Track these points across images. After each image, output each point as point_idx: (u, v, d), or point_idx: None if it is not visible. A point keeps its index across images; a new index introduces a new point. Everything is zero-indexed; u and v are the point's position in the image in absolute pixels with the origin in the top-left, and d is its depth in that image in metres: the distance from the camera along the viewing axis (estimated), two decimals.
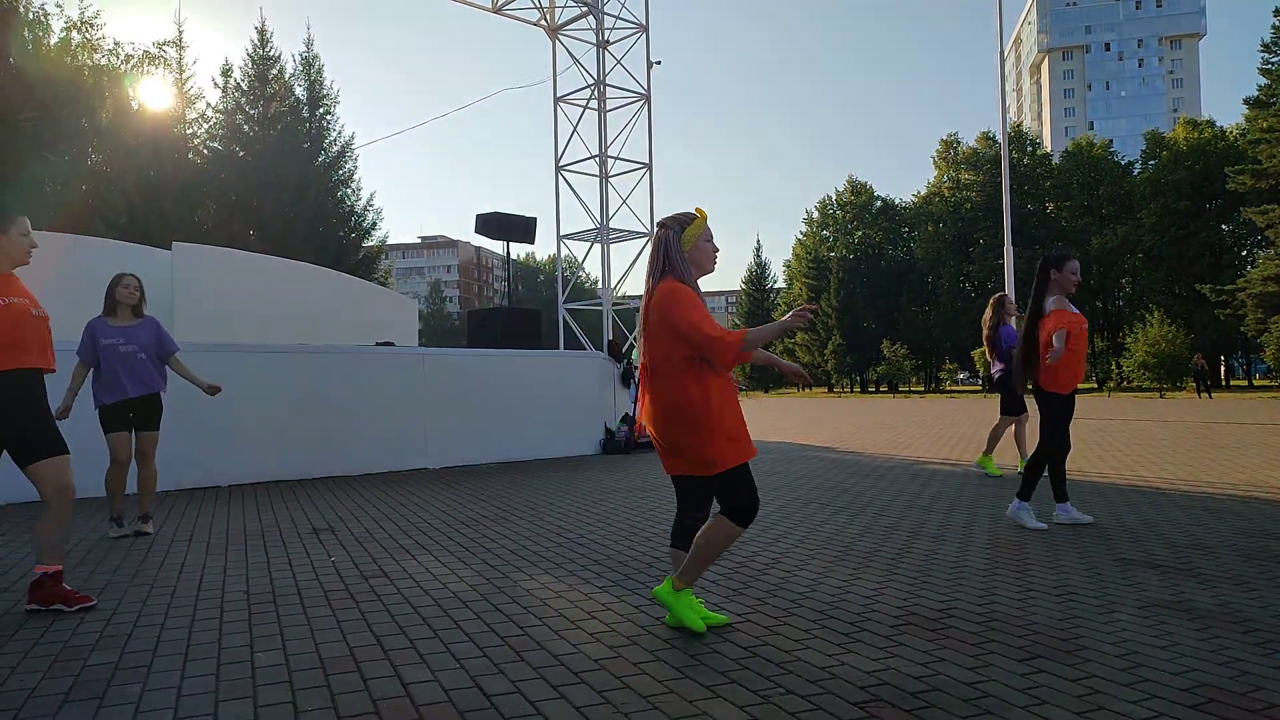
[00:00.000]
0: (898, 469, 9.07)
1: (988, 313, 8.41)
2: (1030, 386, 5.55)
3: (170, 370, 5.79)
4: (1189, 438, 12.34)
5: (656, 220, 16.14)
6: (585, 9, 17.84)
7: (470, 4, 17.49)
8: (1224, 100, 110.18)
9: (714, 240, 3.41)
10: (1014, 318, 8.36)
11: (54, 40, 23.91)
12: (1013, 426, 8.43)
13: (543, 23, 18.39)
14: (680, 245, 3.31)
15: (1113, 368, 43.56)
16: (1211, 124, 54.54)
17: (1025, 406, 8.33)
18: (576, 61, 17.92)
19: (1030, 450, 8.32)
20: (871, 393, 65.09)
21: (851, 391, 68.93)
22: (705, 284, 3.47)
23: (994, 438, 8.40)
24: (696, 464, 3.22)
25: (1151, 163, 55.38)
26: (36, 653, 3.21)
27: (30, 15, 22.75)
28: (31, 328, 3.77)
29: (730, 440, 3.18)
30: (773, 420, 21.09)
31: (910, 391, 62.75)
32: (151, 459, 5.71)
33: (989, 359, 8.44)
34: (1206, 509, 6.04)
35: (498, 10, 17.78)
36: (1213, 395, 34.17)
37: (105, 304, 5.65)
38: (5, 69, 21.09)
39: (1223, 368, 54.32)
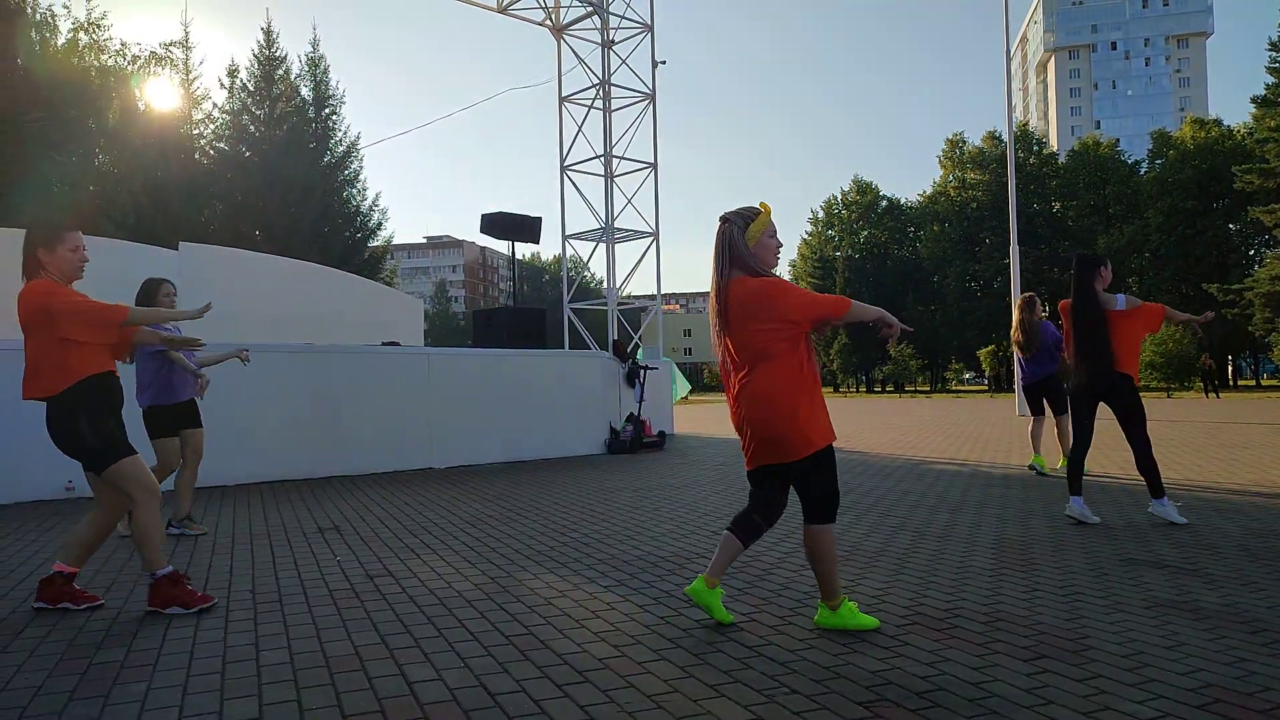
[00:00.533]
0: (903, 469, 9.05)
1: (1017, 315, 8.31)
2: (1090, 379, 5.54)
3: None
4: (1196, 438, 12.30)
5: (659, 219, 15.96)
6: (590, 9, 17.85)
7: (475, 4, 17.50)
8: (1231, 99, 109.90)
9: (777, 236, 3.34)
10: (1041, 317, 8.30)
11: (61, 41, 23.97)
12: (1029, 425, 8.43)
13: (548, 22, 18.40)
14: (744, 240, 3.27)
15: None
16: (1219, 123, 54.39)
17: (1038, 409, 8.33)
18: (581, 61, 17.94)
19: (1043, 447, 8.42)
20: (877, 393, 65.00)
21: (857, 391, 68.86)
22: (705, 284, 3.42)
23: (1062, 436, 8.20)
24: (798, 445, 3.22)
25: (1158, 162, 55.25)
26: (42, 650, 3.22)
27: (38, 16, 22.83)
28: None
29: (826, 419, 3.30)
30: None
31: (916, 392, 62.65)
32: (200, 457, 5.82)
33: (1021, 358, 8.29)
34: (1214, 509, 6.02)
35: (503, 10, 17.79)
36: (1220, 395, 34.06)
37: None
38: (13, 70, 21.17)
39: (1230, 367, 54.17)
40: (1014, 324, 8.39)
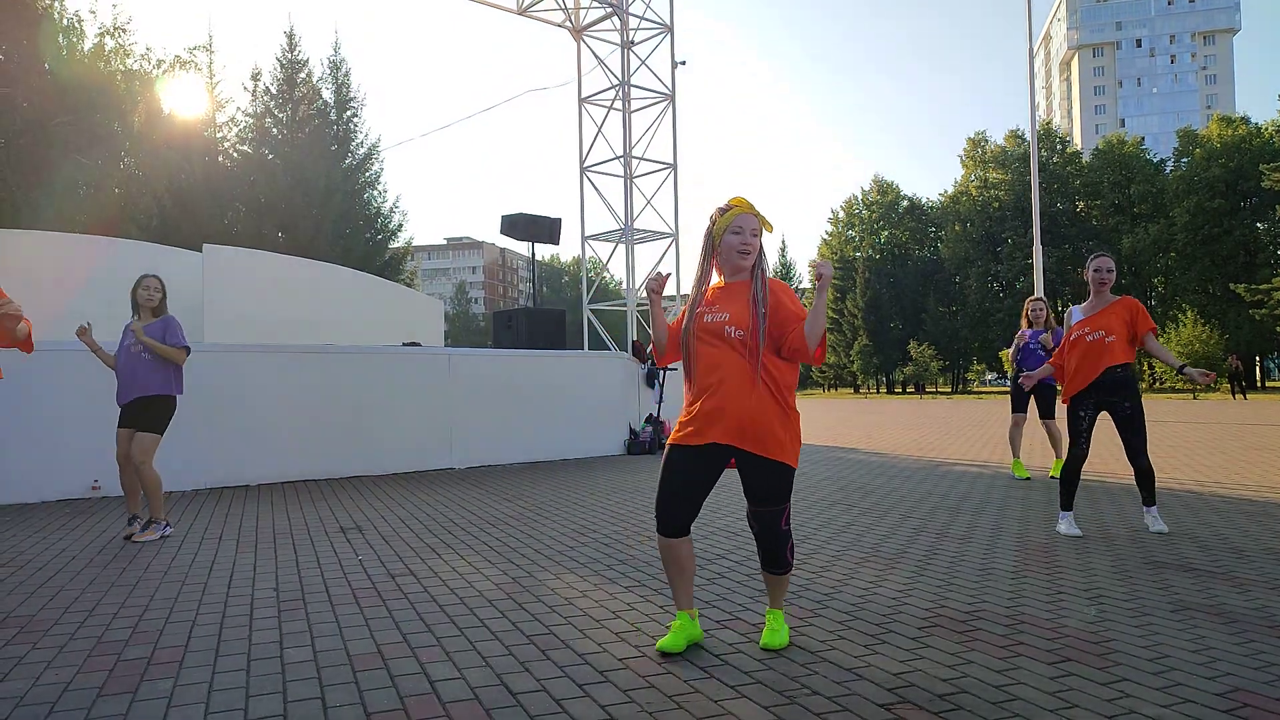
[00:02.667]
0: (924, 470, 9.00)
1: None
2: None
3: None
4: (1223, 439, 12.14)
5: (679, 220, 15.93)
6: (610, 10, 17.86)
7: (495, 5, 17.57)
8: (1259, 96, 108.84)
9: (746, 233, 3.10)
10: (1040, 321, 8.22)
11: (88, 46, 24.28)
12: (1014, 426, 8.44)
13: (567, 24, 18.43)
14: (712, 237, 3.19)
15: (1145, 369, 43.13)
16: (1246, 120, 53.66)
17: (1021, 407, 8.33)
18: (601, 62, 17.95)
19: (1018, 450, 8.42)
20: (898, 394, 64.62)
21: (878, 393, 68.50)
22: None
23: (1014, 440, 8.44)
24: None
25: (1184, 160, 54.61)
26: (71, 647, 3.27)
27: (64, 21, 23.13)
28: None
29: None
30: None
31: (937, 393, 62.25)
32: (141, 463, 5.38)
33: None
34: (1241, 512, 5.94)
35: (523, 11, 17.84)
36: (1248, 396, 33.62)
37: (132, 305, 5.65)
38: (40, 74, 21.47)
39: (1258, 368, 53.43)
40: None
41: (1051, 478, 8.12)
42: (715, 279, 3.24)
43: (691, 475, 3.08)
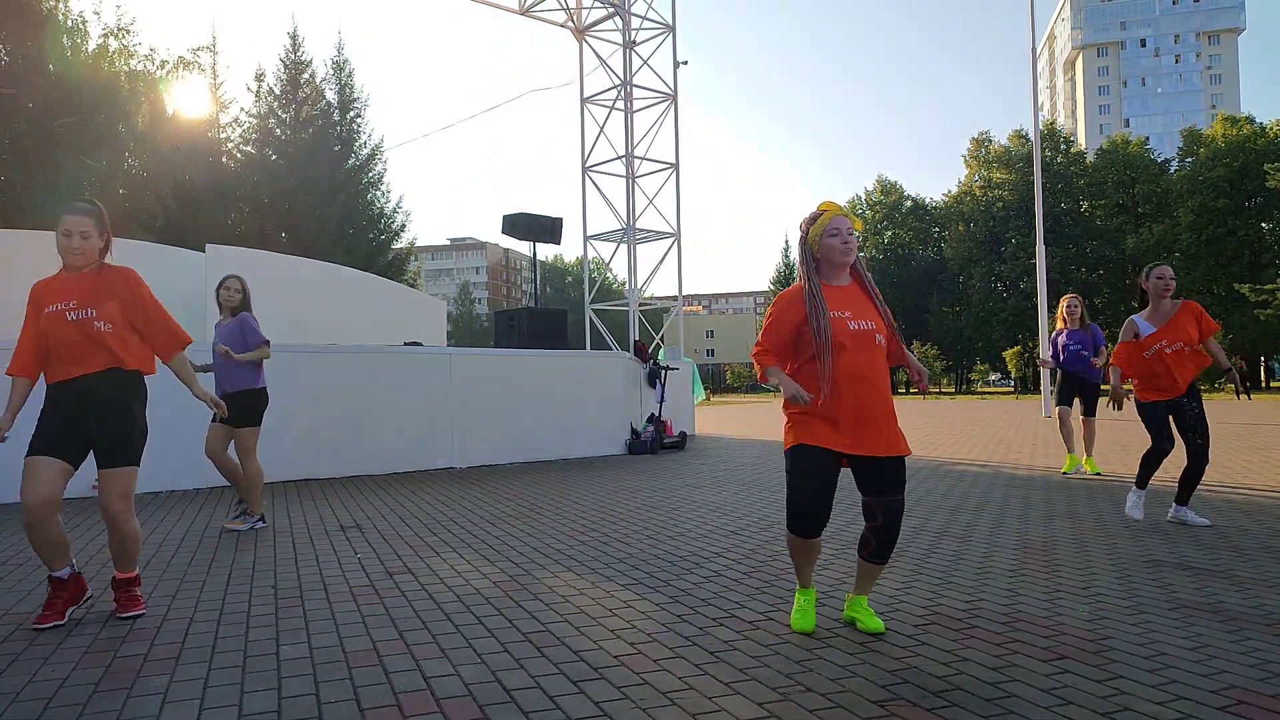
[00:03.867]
0: (926, 470, 8.99)
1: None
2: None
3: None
4: (1226, 439, 12.11)
5: (681, 220, 15.93)
6: (612, 10, 17.88)
7: (497, 6, 17.59)
8: (1264, 96, 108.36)
9: (843, 233, 3.26)
10: (1075, 318, 8.20)
11: (92, 46, 24.34)
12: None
13: (569, 24, 18.45)
14: (808, 246, 3.34)
15: None
16: (1251, 120, 53.51)
17: (1067, 400, 8.30)
18: (603, 62, 17.96)
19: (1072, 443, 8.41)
20: (901, 394, 64.56)
21: None
22: (735, 285, 3.46)
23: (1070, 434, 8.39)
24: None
25: (1189, 160, 54.47)
26: (68, 644, 3.27)
27: (68, 23, 23.19)
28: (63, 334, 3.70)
29: (792, 422, 3.27)
30: None
31: (940, 393, 62.15)
32: (248, 455, 5.74)
33: None
34: (1242, 510, 5.93)
35: (525, 12, 17.86)
36: (1251, 396, 33.53)
37: (216, 304, 5.87)
38: (44, 75, 21.53)
39: (1262, 369, 53.31)
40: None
41: (1063, 474, 8.13)
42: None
43: (830, 477, 3.21)
